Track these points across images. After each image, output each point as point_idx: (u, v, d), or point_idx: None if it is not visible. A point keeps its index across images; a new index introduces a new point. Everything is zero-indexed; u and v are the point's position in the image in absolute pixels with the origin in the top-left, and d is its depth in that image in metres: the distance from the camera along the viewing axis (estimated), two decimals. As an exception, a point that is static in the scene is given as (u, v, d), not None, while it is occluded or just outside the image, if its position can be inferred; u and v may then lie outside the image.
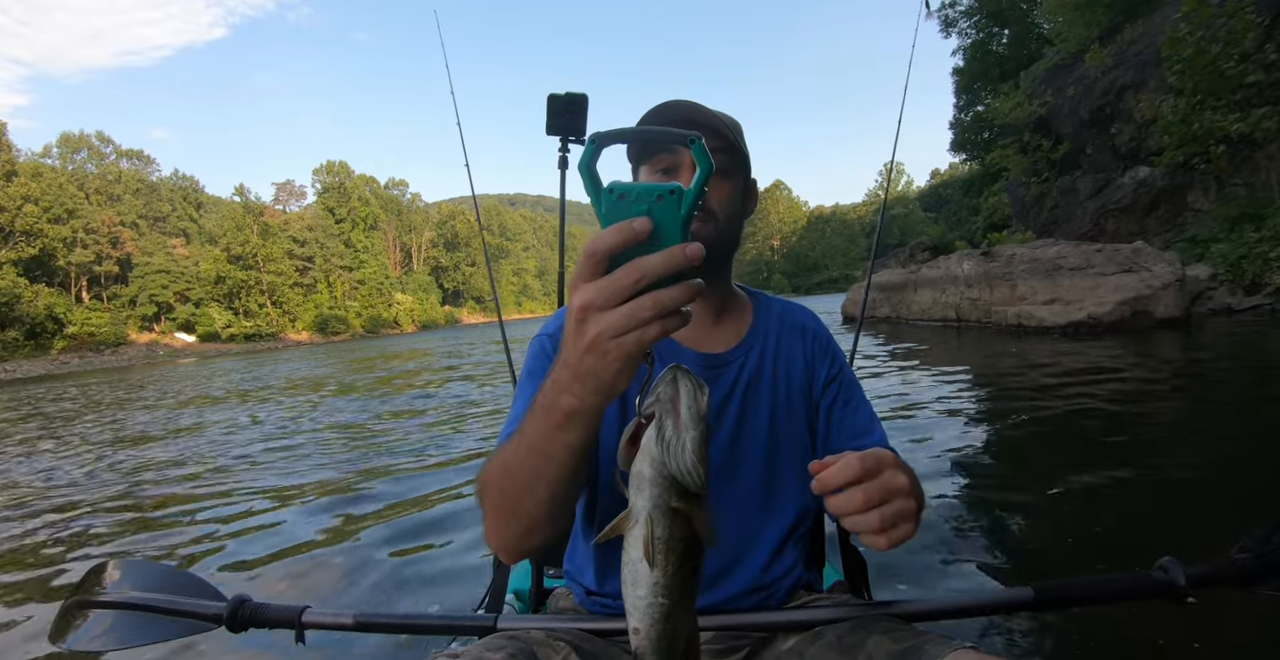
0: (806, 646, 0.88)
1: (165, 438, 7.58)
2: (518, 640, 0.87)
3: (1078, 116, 17.66)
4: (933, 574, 2.40)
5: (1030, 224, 18.61)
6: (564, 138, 1.80)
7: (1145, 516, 2.77)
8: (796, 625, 0.90)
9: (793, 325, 1.11)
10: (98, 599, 1.03)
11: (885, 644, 0.79)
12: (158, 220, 68.72)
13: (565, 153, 1.83)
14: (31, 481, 5.65)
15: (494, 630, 0.93)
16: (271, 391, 12.55)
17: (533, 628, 0.93)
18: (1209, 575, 0.85)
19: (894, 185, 79.20)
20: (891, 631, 0.82)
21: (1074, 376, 6.02)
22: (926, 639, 0.78)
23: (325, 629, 0.98)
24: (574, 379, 0.59)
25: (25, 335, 49.54)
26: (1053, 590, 0.88)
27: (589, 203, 0.55)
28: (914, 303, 13.48)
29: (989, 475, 3.64)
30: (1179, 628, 1.84)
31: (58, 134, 71.28)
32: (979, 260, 11.02)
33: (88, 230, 58.33)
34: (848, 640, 0.83)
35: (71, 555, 3.49)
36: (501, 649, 0.83)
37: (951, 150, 32.87)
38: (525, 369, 1.06)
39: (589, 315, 0.53)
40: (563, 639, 0.90)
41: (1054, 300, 9.20)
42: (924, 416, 5.07)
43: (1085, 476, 3.32)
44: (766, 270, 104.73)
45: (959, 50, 29.45)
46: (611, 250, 0.51)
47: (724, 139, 0.98)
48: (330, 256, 76.76)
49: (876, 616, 0.87)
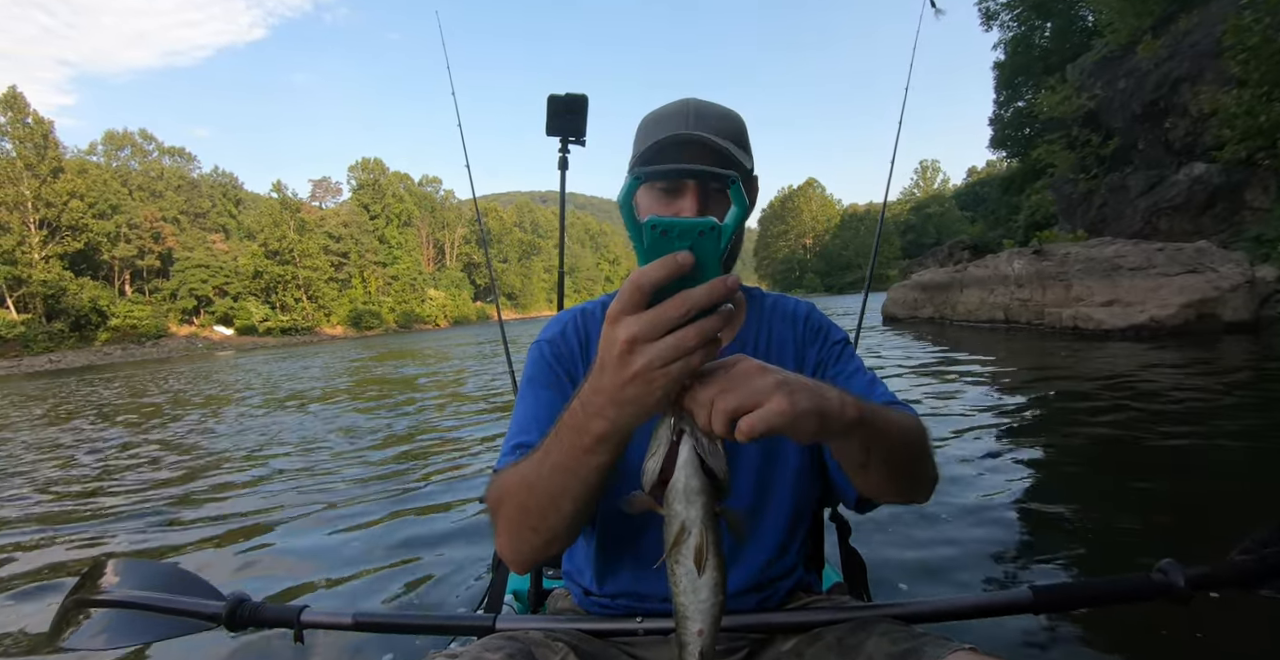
0: (806, 647, 0.88)
1: (176, 432, 7.52)
2: (516, 640, 0.88)
3: (1129, 110, 16.95)
4: (932, 576, 2.40)
5: (1077, 222, 17.94)
6: (564, 138, 1.80)
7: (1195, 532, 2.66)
8: (795, 626, 0.91)
9: (784, 315, 1.13)
10: (96, 598, 1.03)
11: (884, 645, 0.79)
12: (198, 216, 69.95)
13: (565, 153, 1.83)
14: (35, 476, 5.60)
15: (493, 630, 0.93)
16: (310, 384, 12.55)
17: (531, 628, 0.93)
18: (1209, 577, 0.86)
19: (930, 183, 78.23)
20: (890, 632, 0.82)
21: (1128, 381, 5.66)
22: (925, 640, 0.78)
23: (324, 628, 0.98)
24: (611, 404, 0.61)
25: (71, 327, 50.86)
26: (1052, 592, 0.88)
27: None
28: (959, 303, 12.99)
29: (1017, 476, 3.53)
30: (1180, 629, 1.84)
31: (102, 132, 72.86)
32: (1030, 259, 10.53)
33: (131, 225, 59.71)
34: (847, 641, 0.83)
35: (70, 552, 3.43)
36: (500, 649, 0.83)
37: (991, 147, 32.15)
38: (526, 375, 1.07)
39: (637, 347, 0.56)
40: (561, 639, 0.90)
41: (1113, 302, 8.70)
42: (952, 414, 5.00)
43: (1138, 483, 3.21)
44: (799, 269, 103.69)
45: (1000, 44, 28.70)
46: (657, 283, 0.54)
47: (731, 159, 0.97)
48: (365, 252, 77.63)
49: (875, 618, 0.87)
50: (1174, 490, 3.15)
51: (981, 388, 6.18)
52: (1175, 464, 3.50)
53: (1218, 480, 3.21)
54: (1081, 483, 3.43)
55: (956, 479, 3.44)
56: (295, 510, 3.89)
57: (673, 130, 0.96)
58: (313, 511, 3.83)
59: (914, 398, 5.85)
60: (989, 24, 28.13)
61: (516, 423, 1.00)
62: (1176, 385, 5.35)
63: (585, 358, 1.06)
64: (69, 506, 4.45)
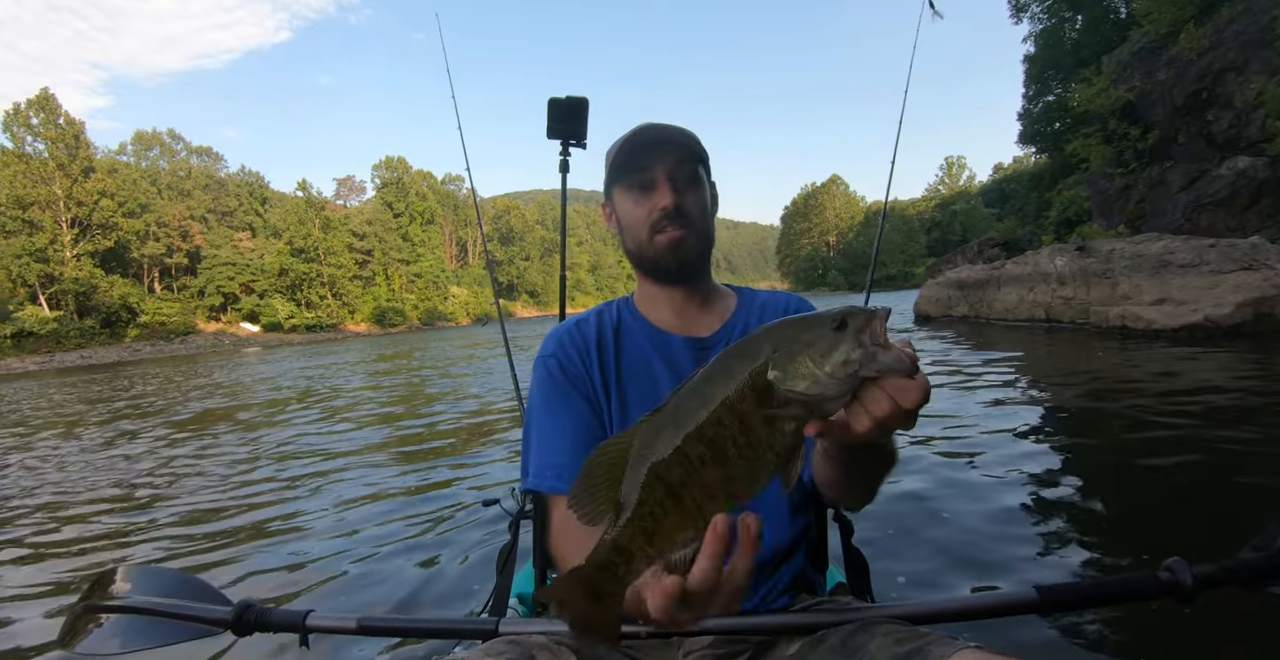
0: (810, 651, 0.88)
1: (182, 437, 7.53)
2: (518, 645, 0.88)
3: (1169, 102, 16.41)
4: (935, 576, 2.37)
5: (1113, 218, 17.44)
6: (565, 141, 1.82)
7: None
8: (799, 628, 0.91)
9: (775, 307, 1.19)
10: (106, 604, 1.05)
11: (889, 646, 0.78)
12: (225, 214, 70.90)
13: (566, 156, 1.86)
14: (41, 479, 5.61)
15: (496, 634, 0.94)
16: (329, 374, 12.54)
17: (534, 632, 0.93)
18: (1217, 575, 0.84)
19: (955, 180, 77.50)
20: (894, 633, 0.81)
21: (1179, 383, 5.38)
22: (930, 640, 0.77)
23: (329, 633, 0.99)
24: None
25: (101, 324, 51.83)
26: (1058, 592, 0.87)
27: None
28: (996, 301, 12.60)
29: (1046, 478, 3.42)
30: (1189, 628, 1.82)
31: (132, 133, 74.05)
32: (1074, 256, 10.13)
33: (159, 224, 60.72)
34: (850, 643, 0.83)
35: (80, 559, 3.42)
36: (501, 654, 0.85)
37: (1020, 142, 31.42)
38: (541, 393, 1.10)
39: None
40: (564, 644, 0.91)
41: (1163, 300, 8.31)
42: (976, 414, 4.91)
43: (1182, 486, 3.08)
44: (822, 267, 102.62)
45: (1029, 37, 28.03)
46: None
47: (694, 152, 1.10)
48: (388, 250, 78.31)
49: (879, 619, 0.87)
50: (1219, 496, 3.01)
51: (1011, 388, 5.98)
52: (1218, 465, 3.34)
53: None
54: (1132, 484, 3.26)
55: (958, 480, 3.41)
56: (303, 514, 3.89)
57: (638, 137, 1.08)
58: (320, 515, 3.82)
59: (944, 396, 5.69)
60: (1019, 16, 27.51)
61: (540, 441, 1.06)
62: (1236, 386, 5.07)
63: (587, 360, 1.12)
64: (84, 511, 4.46)
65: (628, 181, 1.09)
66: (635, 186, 1.09)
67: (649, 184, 1.08)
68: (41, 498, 4.89)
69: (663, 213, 1.07)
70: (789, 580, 1.04)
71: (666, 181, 1.07)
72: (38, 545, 3.74)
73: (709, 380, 0.58)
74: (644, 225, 1.10)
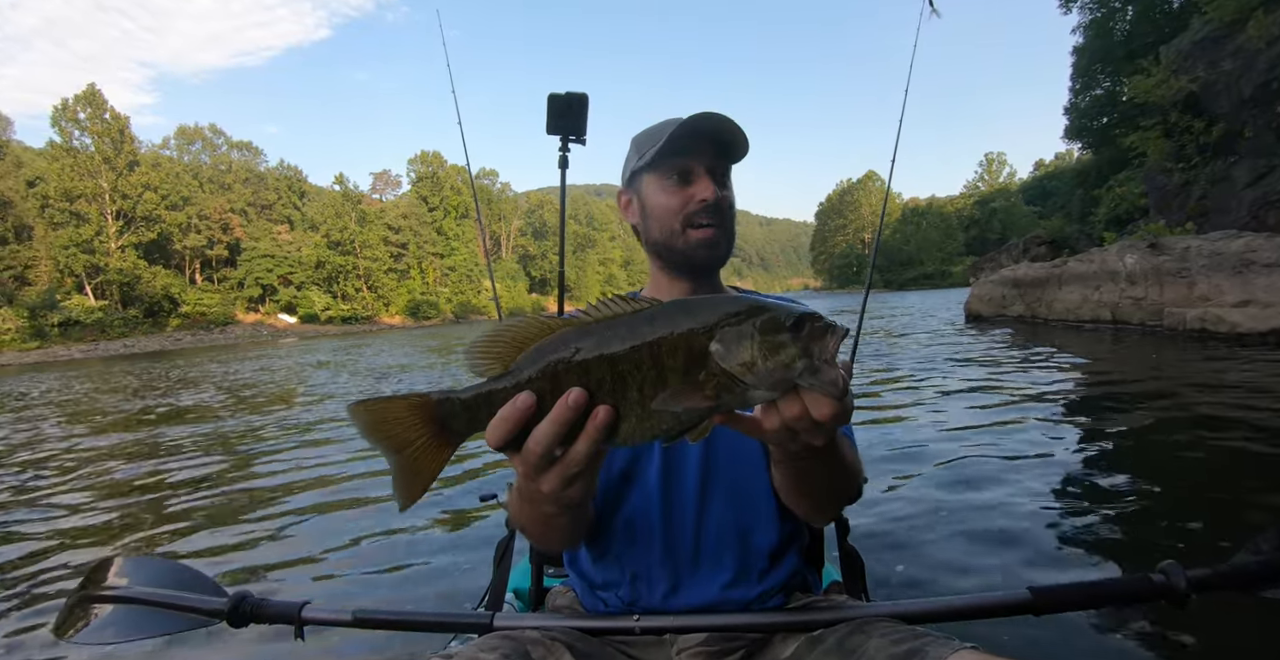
0: (807, 651, 0.87)
1: (186, 427, 7.60)
2: (512, 640, 0.88)
3: (1235, 94, 15.62)
4: (931, 575, 2.37)
5: (1172, 216, 16.70)
6: (564, 137, 1.81)
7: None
8: (794, 626, 0.90)
9: None
10: (102, 593, 1.05)
11: (886, 647, 0.77)
12: (264, 207, 72.02)
13: (566, 152, 1.85)
14: (46, 468, 5.67)
15: (491, 628, 0.94)
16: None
17: (529, 626, 0.94)
18: (1210, 579, 0.84)
19: (995, 177, 75.74)
20: (891, 633, 0.81)
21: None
22: (928, 641, 0.77)
23: (325, 625, 0.98)
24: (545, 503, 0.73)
25: (144, 313, 53.18)
26: (1052, 593, 0.86)
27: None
28: (1056, 301, 12.01)
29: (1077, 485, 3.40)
30: (1181, 630, 1.82)
31: (175, 128, 75.68)
32: (1145, 253, 9.58)
33: (201, 216, 61.94)
34: (848, 644, 0.82)
35: (77, 549, 3.45)
36: (495, 649, 0.84)
37: (1065, 137, 30.41)
38: None
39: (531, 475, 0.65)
40: (558, 639, 0.91)
41: (1247, 302, 7.75)
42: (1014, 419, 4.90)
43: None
44: (857, 264, 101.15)
45: (1078, 28, 27.07)
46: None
47: (742, 151, 1.07)
48: (423, 243, 78.92)
49: (875, 619, 0.86)
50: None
51: (1069, 396, 5.79)
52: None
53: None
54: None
55: (964, 480, 3.42)
56: (300, 506, 3.91)
57: (700, 123, 1.01)
58: (318, 508, 3.86)
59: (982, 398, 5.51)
60: (1068, 7, 26.58)
61: None
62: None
63: None
64: (88, 498, 4.53)
65: (665, 167, 1.05)
66: (672, 174, 1.05)
67: (687, 174, 1.04)
68: (53, 479, 5.02)
69: (701, 205, 1.04)
70: (783, 578, 1.02)
71: (708, 174, 1.04)
72: (39, 534, 3.75)
73: (650, 322, 0.57)
74: (677, 216, 1.06)
